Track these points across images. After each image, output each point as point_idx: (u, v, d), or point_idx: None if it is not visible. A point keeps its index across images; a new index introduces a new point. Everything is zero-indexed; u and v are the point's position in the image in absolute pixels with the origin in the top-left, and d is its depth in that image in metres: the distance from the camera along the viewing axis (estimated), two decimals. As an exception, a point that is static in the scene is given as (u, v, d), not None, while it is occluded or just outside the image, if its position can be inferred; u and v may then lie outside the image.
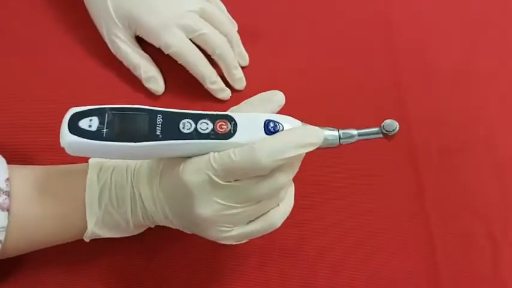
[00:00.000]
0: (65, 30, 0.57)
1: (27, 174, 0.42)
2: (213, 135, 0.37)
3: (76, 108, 0.36)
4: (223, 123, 0.37)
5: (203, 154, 0.37)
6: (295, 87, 0.56)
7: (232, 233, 0.39)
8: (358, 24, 0.60)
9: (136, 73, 0.54)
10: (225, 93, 0.55)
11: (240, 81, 0.55)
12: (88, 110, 0.36)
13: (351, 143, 0.39)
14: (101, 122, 0.36)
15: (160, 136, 0.36)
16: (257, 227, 0.39)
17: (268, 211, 0.39)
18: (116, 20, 0.52)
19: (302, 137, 0.37)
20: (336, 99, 0.56)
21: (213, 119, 0.37)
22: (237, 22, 0.57)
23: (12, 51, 0.55)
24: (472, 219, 0.52)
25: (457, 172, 0.54)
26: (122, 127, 0.36)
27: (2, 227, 0.39)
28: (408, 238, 0.50)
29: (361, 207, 0.51)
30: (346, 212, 0.51)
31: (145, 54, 0.54)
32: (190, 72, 0.53)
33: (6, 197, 0.39)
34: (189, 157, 0.37)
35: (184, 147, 0.37)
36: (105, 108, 0.36)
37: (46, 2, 0.58)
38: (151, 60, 0.55)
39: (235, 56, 0.55)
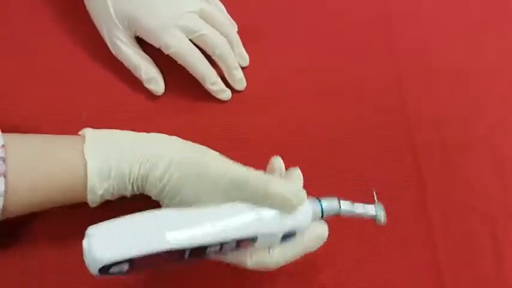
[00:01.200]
0: (65, 30, 0.56)
1: (22, 140, 0.43)
2: (234, 249, 0.40)
3: (103, 259, 0.35)
4: (247, 242, 0.39)
5: None
6: (296, 87, 0.57)
7: None
8: (359, 24, 0.60)
9: (137, 74, 0.54)
10: (226, 94, 0.55)
11: (240, 81, 0.55)
12: (119, 261, 0.35)
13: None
14: (131, 265, 0.36)
15: (187, 259, 0.38)
16: None
17: None
18: (116, 21, 0.52)
19: (309, 246, 0.42)
20: (336, 99, 0.56)
21: (238, 241, 0.39)
22: (236, 22, 0.57)
23: (11, 51, 0.55)
24: (473, 218, 0.51)
25: (459, 171, 0.53)
26: (153, 262, 0.37)
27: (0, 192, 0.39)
28: (409, 237, 0.50)
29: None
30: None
31: (145, 55, 0.54)
32: (190, 72, 0.53)
33: (2, 162, 0.40)
34: None
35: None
36: (133, 258, 0.36)
37: (46, 2, 0.58)
38: (151, 61, 0.55)
39: (235, 56, 0.55)
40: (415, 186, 0.52)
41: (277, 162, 0.44)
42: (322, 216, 0.42)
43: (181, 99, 0.55)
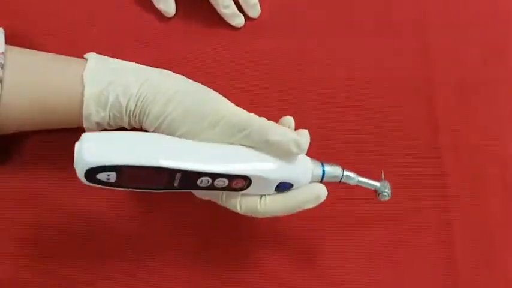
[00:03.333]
0: None
1: (24, 53, 0.42)
2: (227, 188, 0.38)
3: (90, 161, 0.34)
4: (239, 181, 0.38)
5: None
6: (311, 18, 0.54)
7: None
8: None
9: None
10: (239, 20, 0.52)
11: (254, 7, 0.53)
12: (105, 166, 0.35)
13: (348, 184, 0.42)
14: (119, 176, 0.35)
15: (177, 187, 0.37)
16: None
17: None
18: None
19: (300, 204, 0.40)
20: (352, 33, 0.54)
21: (231, 178, 0.38)
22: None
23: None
24: (485, 159, 0.51)
25: (473, 112, 0.52)
26: (141, 179, 0.36)
27: None
28: (420, 177, 0.50)
29: (374, 145, 0.51)
30: (360, 147, 0.51)
31: None
32: None
33: (0, 68, 0.39)
34: None
35: (197, 192, 0.41)
36: (121, 166, 0.35)
37: None
38: None
39: None
40: (428, 125, 0.51)
41: (287, 119, 0.42)
42: (322, 179, 0.40)
43: (191, 24, 0.53)
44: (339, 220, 0.49)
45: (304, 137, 0.40)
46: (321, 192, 0.40)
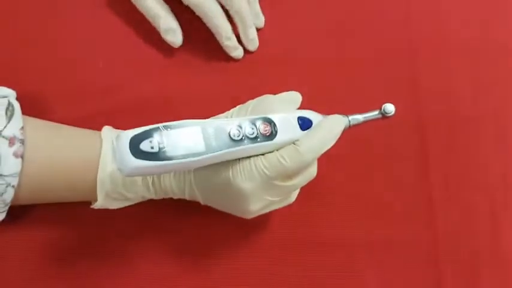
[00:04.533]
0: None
1: (40, 125, 0.45)
2: (260, 137, 0.40)
3: (131, 131, 0.35)
4: (266, 126, 0.40)
5: (250, 157, 0.41)
6: (308, 53, 0.56)
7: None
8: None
9: (155, 24, 0.55)
10: (238, 52, 0.55)
11: (253, 41, 0.56)
12: (146, 130, 0.35)
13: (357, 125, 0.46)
14: (160, 142, 0.35)
15: (216, 147, 0.38)
16: (280, 205, 0.45)
17: None
18: None
19: (332, 130, 0.42)
20: (348, 67, 0.56)
21: (255, 122, 0.40)
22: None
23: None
24: (474, 192, 0.52)
25: (463, 143, 0.54)
26: (181, 143, 0.36)
27: (16, 173, 0.40)
28: (410, 206, 0.51)
29: (363, 174, 0.52)
30: (351, 177, 0.52)
31: (166, 5, 0.55)
32: (207, 25, 0.54)
33: (21, 144, 0.41)
34: (235, 160, 0.40)
35: (237, 153, 0.39)
36: (158, 127, 0.36)
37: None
38: (171, 12, 0.55)
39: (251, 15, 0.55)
40: (418, 155, 0.53)
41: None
42: None
43: (196, 56, 0.56)
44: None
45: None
46: (338, 117, 0.44)
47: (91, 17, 0.57)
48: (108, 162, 0.43)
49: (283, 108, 0.43)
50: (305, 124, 0.42)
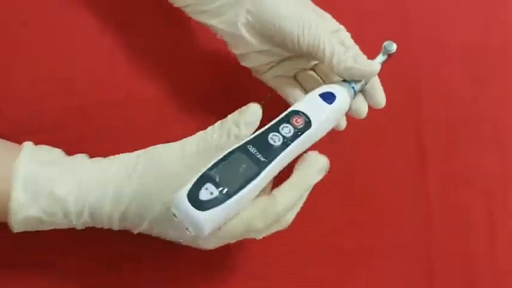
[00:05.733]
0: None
1: None
2: (299, 130, 0.39)
3: (182, 191, 0.34)
4: (296, 118, 0.39)
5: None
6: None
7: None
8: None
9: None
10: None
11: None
12: (196, 181, 0.34)
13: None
14: (215, 184, 0.35)
15: (266, 161, 0.37)
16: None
17: None
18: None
19: (314, 177, 0.39)
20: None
21: (285, 120, 0.39)
22: None
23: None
24: (470, 193, 0.52)
25: (461, 146, 0.54)
26: (233, 175, 0.35)
27: None
28: (407, 207, 0.51)
29: (364, 175, 0.52)
30: (349, 179, 0.52)
31: None
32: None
33: None
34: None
35: (288, 156, 0.38)
36: (203, 172, 0.35)
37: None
38: None
39: None
40: (416, 156, 0.53)
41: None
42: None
43: (189, 57, 0.54)
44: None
45: None
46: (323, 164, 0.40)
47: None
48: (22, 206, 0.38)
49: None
50: (328, 98, 0.41)
